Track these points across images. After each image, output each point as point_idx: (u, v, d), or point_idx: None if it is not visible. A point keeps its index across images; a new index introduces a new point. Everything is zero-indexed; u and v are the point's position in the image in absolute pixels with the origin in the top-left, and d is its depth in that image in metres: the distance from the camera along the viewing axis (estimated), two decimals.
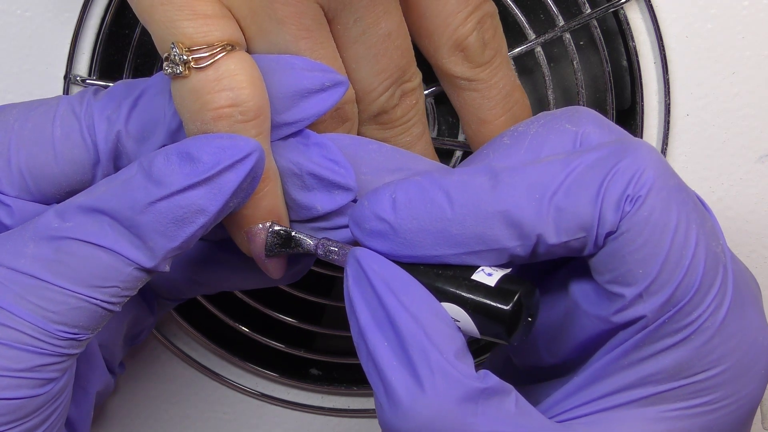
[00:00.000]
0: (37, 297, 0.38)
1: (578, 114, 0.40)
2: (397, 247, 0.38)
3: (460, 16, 0.45)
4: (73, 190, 0.43)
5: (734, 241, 0.53)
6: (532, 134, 0.40)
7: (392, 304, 0.37)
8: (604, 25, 0.52)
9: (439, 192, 0.37)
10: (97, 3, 0.50)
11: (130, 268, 0.38)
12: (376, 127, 0.45)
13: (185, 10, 0.39)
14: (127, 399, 0.56)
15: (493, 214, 0.37)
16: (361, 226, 0.39)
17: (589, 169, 0.37)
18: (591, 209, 0.36)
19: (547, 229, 0.37)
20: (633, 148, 0.37)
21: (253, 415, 0.57)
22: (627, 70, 0.53)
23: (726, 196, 0.53)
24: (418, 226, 0.38)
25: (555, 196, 0.37)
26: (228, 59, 0.39)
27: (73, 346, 0.39)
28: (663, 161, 0.38)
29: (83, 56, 0.51)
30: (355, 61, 0.43)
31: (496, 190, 0.37)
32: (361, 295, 0.38)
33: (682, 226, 0.37)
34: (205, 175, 0.37)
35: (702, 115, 0.52)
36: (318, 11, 0.41)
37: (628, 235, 0.36)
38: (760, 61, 0.51)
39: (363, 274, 0.38)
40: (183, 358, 0.55)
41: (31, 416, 0.39)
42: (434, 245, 0.38)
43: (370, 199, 0.38)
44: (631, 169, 0.37)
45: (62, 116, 0.43)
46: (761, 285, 0.54)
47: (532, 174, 0.37)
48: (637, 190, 0.36)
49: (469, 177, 0.38)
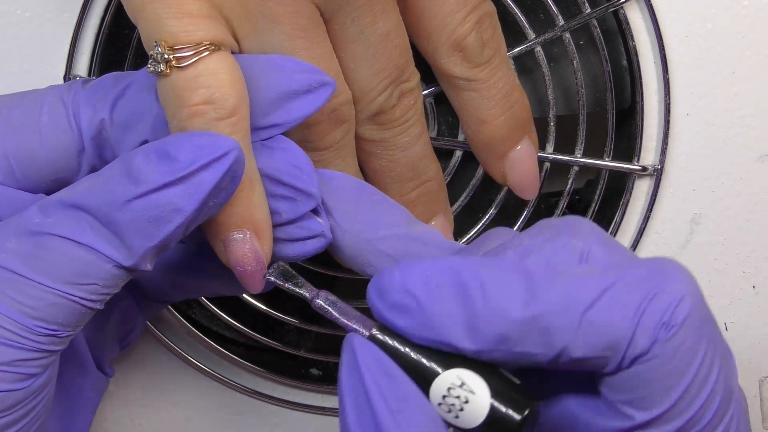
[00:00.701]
0: (15, 292, 0.37)
1: (581, 230, 0.39)
2: (418, 327, 0.37)
3: (458, 16, 0.45)
4: (58, 177, 0.43)
5: (734, 240, 0.53)
6: (537, 250, 0.39)
7: (381, 411, 0.36)
8: (604, 25, 0.52)
9: (474, 282, 0.36)
10: (97, 3, 0.50)
11: (109, 266, 0.38)
12: (374, 127, 0.45)
13: (173, 9, 0.39)
14: (127, 399, 0.56)
15: (524, 318, 0.36)
16: (384, 296, 0.37)
17: (627, 287, 0.36)
18: (624, 330, 0.36)
19: (575, 342, 0.36)
20: (672, 272, 0.37)
21: (254, 415, 0.57)
22: (627, 69, 0.52)
23: (726, 195, 0.53)
24: (446, 311, 0.36)
25: (589, 310, 0.36)
26: (208, 59, 0.39)
27: (53, 343, 0.38)
28: (698, 289, 0.37)
29: (83, 56, 0.51)
30: (353, 61, 0.43)
31: (531, 294, 0.36)
32: (351, 389, 0.37)
33: (708, 359, 0.36)
34: (181, 173, 0.36)
35: (702, 115, 0.52)
36: (314, 11, 0.41)
37: (657, 361, 0.36)
38: (760, 61, 0.51)
39: (357, 368, 0.37)
40: (183, 358, 0.55)
41: (10, 411, 0.38)
42: (458, 335, 0.36)
43: (402, 271, 0.37)
44: (671, 295, 0.36)
45: (50, 103, 0.43)
46: (761, 285, 0.54)
47: (568, 284, 0.36)
48: (674, 318, 0.36)
49: (504, 273, 0.37)
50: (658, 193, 0.53)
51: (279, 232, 0.42)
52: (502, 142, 0.48)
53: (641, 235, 0.53)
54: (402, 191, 0.47)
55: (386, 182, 0.47)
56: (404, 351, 0.38)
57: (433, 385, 0.37)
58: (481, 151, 0.49)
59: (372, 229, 0.42)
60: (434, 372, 0.37)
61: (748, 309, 0.54)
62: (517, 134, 0.48)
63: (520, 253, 0.39)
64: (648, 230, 0.53)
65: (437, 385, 0.37)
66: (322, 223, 0.41)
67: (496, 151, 0.48)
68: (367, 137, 0.45)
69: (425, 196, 0.48)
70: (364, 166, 0.47)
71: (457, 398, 0.37)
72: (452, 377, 0.37)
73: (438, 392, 0.37)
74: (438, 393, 0.37)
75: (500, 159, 0.48)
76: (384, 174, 0.46)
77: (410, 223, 0.43)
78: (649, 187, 0.53)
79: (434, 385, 0.37)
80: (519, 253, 0.39)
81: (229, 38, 0.41)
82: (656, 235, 0.53)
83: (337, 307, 0.40)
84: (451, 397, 0.37)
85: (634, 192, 0.53)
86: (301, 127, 0.42)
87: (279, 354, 0.57)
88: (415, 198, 0.47)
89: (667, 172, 0.52)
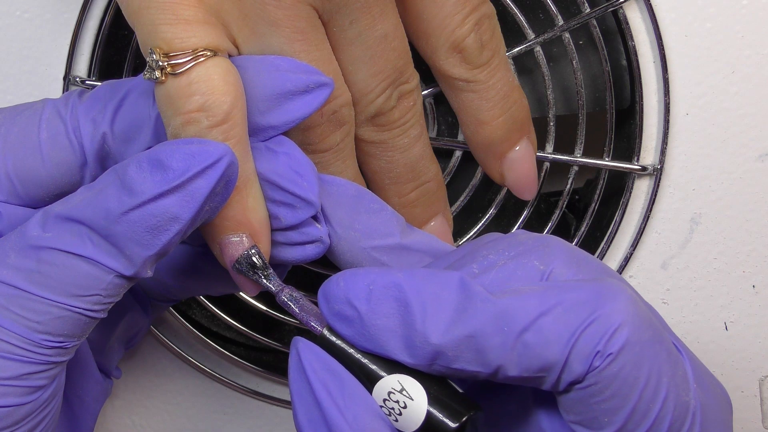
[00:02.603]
0: (19, 307, 0.37)
1: (549, 249, 0.40)
2: (360, 338, 0.38)
3: (457, 18, 0.45)
4: (62, 192, 0.43)
5: (734, 240, 0.53)
6: (499, 266, 0.39)
7: (329, 408, 0.37)
8: (604, 25, 0.52)
9: (416, 299, 0.37)
10: (96, 4, 0.50)
11: (111, 276, 0.38)
12: (373, 128, 0.45)
13: (168, 15, 0.39)
14: (127, 400, 0.56)
15: (459, 338, 0.37)
16: (330, 304, 0.38)
17: (565, 312, 0.37)
18: (558, 355, 0.36)
19: (510, 362, 0.37)
20: (611, 296, 0.37)
21: (253, 415, 0.57)
22: (626, 69, 0.52)
23: (726, 195, 0.53)
24: (386, 325, 0.37)
25: (525, 333, 0.36)
26: (202, 65, 0.39)
27: (59, 354, 0.39)
28: (640, 311, 0.37)
29: (82, 57, 0.51)
30: (352, 64, 0.43)
31: (466, 313, 0.37)
32: (298, 389, 0.38)
33: (652, 380, 0.37)
34: (175, 182, 0.36)
35: (701, 114, 0.52)
36: (312, 13, 0.41)
37: (595, 387, 0.37)
38: (759, 60, 0.51)
39: (302, 369, 0.38)
40: (183, 358, 0.55)
41: (20, 424, 0.39)
42: (396, 349, 0.37)
43: (347, 281, 0.38)
44: (607, 323, 0.36)
45: (48, 119, 0.43)
46: (761, 284, 0.54)
47: (507, 304, 0.37)
48: (610, 347, 0.36)
49: (445, 291, 0.37)
50: (657, 192, 0.53)
51: (278, 236, 0.42)
52: (501, 142, 0.48)
53: (641, 235, 0.53)
54: (401, 192, 0.47)
55: (385, 183, 0.47)
56: (349, 352, 0.39)
57: (375, 388, 0.38)
58: (480, 152, 0.49)
59: (367, 238, 0.42)
60: (376, 375, 0.38)
61: (748, 309, 0.54)
62: (515, 135, 0.48)
63: (482, 267, 0.40)
64: (648, 230, 0.53)
65: (379, 389, 0.38)
66: (321, 229, 0.42)
67: (495, 152, 0.48)
68: (366, 139, 0.45)
69: (425, 196, 0.48)
70: (364, 167, 0.47)
71: (397, 402, 0.38)
72: (393, 382, 0.38)
73: (379, 395, 0.38)
74: (379, 396, 0.38)
75: (499, 160, 0.48)
76: (383, 175, 0.46)
77: (406, 232, 0.43)
78: (648, 186, 0.53)
79: (376, 388, 0.38)
80: (481, 267, 0.39)
81: (226, 43, 0.41)
82: (656, 234, 0.53)
83: (298, 303, 0.40)
84: (391, 401, 0.38)
85: (633, 192, 0.53)
86: (300, 130, 0.42)
87: (279, 354, 0.57)
88: (415, 199, 0.47)
89: (666, 172, 0.52)
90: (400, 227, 0.43)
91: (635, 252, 0.53)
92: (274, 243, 0.42)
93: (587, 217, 0.53)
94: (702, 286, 0.54)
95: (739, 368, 0.55)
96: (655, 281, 0.54)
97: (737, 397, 0.55)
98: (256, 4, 0.40)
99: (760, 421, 0.55)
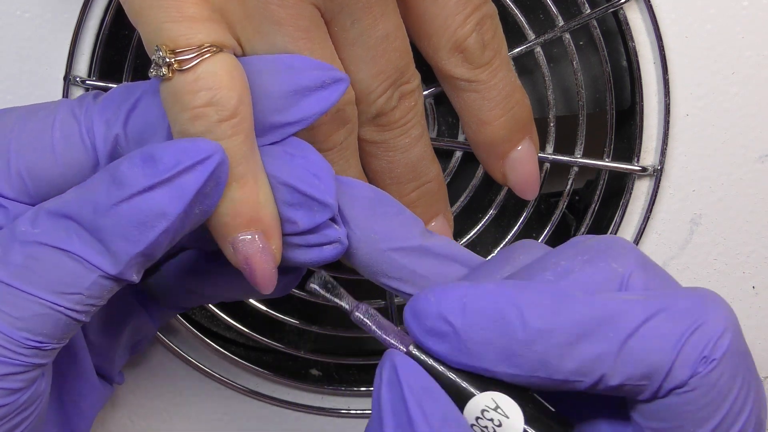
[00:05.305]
0: (2, 302, 0.37)
1: (623, 251, 0.39)
2: (456, 353, 0.37)
3: (459, 18, 0.45)
4: None
5: (734, 240, 0.53)
6: (576, 272, 0.39)
7: (421, 429, 0.36)
8: (604, 26, 0.52)
9: (513, 309, 0.36)
10: (97, 4, 0.50)
11: (95, 275, 0.37)
12: (374, 129, 0.45)
13: (172, 12, 0.39)
14: (127, 400, 0.56)
15: (563, 344, 0.36)
16: (422, 321, 0.37)
17: (670, 317, 0.36)
18: (664, 361, 0.36)
19: (614, 369, 0.36)
20: (715, 305, 0.37)
21: (254, 416, 0.57)
22: (627, 70, 0.52)
23: (726, 196, 0.53)
24: (485, 338, 0.37)
25: (630, 339, 0.36)
26: (209, 61, 0.39)
27: (37, 356, 0.38)
28: (738, 323, 0.37)
29: (83, 57, 0.51)
30: (353, 63, 0.43)
31: (568, 320, 0.36)
32: (390, 404, 0.37)
33: (742, 393, 0.37)
34: (164, 175, 0.36)
35: (702, 115, 0.52)
36: (315, 12, 0.41)
37: (693, 394, 0.36)
38: (760, 61, 0.51)
39: (398, 384, 0.37)
40: (183, 358, 0.55)
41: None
42: (496, 361, 0.37)
43: (438, 297, 0.37)
44: (713, 330, 0.36)
45: (62, 120, 0.42)
46: (761, 285, 0.54)
47: (609, 310, 0.36)
48: (714, 352, 0.36)
49: (543, 297, 0.37)
50: (657, 193, 0.53)
51: (295, 238, 0.41)
52: (503, 142, 0.48)
53: (641, 236, 0.53)
54: (402, 192, 0.47)
55: (386, 183, 0.47)
56: (440, 370, 0.38)
57: (468, 406, 0.38)
58: (482, 152, 0.49)
59: (387, 240, 0.42)
60: (469, 393, 0.38)
61: (748, 309, 0.54)
62: (517, 135, 0.48)
63: (557, 274, 0.39)
64: (648, 230, 0.53)
65: (471, 406, 0.38)
66: (339, 231, 0.41)
67: (497, 152, 0.48)
68: (368, 139, 0.45)
69: (425, 197, 0.48)
70: (365, 167, 0.47)
71: (491, 421, 0.37)
72: (487, 400, 0.37)
73: (472, 413, 0.38)
74: (472, 414, 0.38)
75: (501, 160, 0.48)
76: (384, 175, 0.46)
77: (426, 235, 0.43)
78: (648, 187, 0.53)
79: (468, 405, 0.38)
80: (556, 274, 0.39)
81: (230, 40, 0.41)
82: (656, 235, 0.53)
83: (375, 321, 0.40)
84: (484, 419, 0.37)
85: (634, 192, 0.53)
86: (305, 128, 0.42)
87: (279, 354, 0.57)
88: (416, 199, 0.47)
89: (666, 173, 0.52)
90: (420, 230, 0.43)
91: None
92: (290, 245, 0.41)
93: (587, 218, 0.53)
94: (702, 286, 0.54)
95: None
96: None
97: None
98: (259, 3, 0.40)
99: None
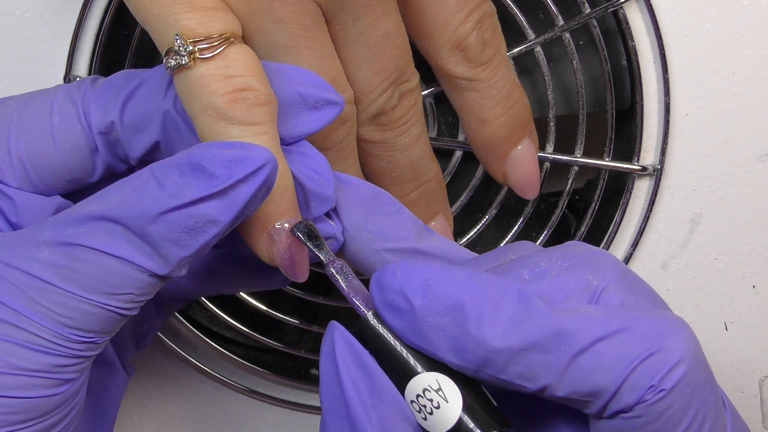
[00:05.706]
0: (50, 302, 0.37)
1: (604, 266, 0.39)
2: (409, 331, 0.37)
3: (459, 16, 0.45)
4: (74, 178, 0.43)
5: (734, 240, 0.53)
6: (552, 276, 0.39)
7: (354, 405, 0.37)
8: (604, 25, 0.52)
9: (473, 304, 0.36)
10: (97, 3, 0.50)
11: (144, 275, 0.38)
12: (374, 128, 0.45)
13: (184, 4, 0.39)
14: (127, 400, 0.56)
15: (512, 349, 0.36)
16: (383, 292, 0.38)
17: (625, 340, 0.36)
18: (610, 383, 0.36)
19: (559, 382, 0.36)
20: (673, 331, 0.37)
21: (253, 416, 0.57)
22: (626, 69, 0.52)
23: (726, 195, 0.53)
24: (439, 324, 0.37)
25: (580, 355, 0.36)
26: (232, 48, 0.39)
27: (90, 349, 0.38)
28: (698, 352, 0.37)
29: (83, 57, 0.51)
30: (354, 62, 0.43)
31: (524, 326, 0.36)
32: (326, 377, 0.38)
33: (695, 424, 0.36)
34: (217, 188, 0.36)
35: (702, 115, 0.52)
36: (316, 10, 0.41)
37: (639, 420, 0.36)
38: (760, 61, 0.51)
39: (333, 358, 0.38)
40: (183, 358, 0.55)
41: (48, 416, 0.38)
42: (445, 350, 0.37)
43: (404, 273, 0.37)
44: (666, 358, 0.36)
45: (60, 104, 0.42)
46: (761, 285, 0.54)
47: (566, 322, 0.36)
48: (664, 383, 0.36)
49: (504, 298, 0.37)
50: (657, 193, 0.53)
51: None
52: (503, 141, 0.48)
53: (641, 235, 0.53)
54: (402, 192, 0.47)
55: (386, 183, 0.47)
56: (392, 343, 0.38)
57: (411, 383, 0.38)
58: (482, 151, 0.49)
59: (380, 240, 0.42)
60: (414, 370, 0.38)
61: (748, 309, 0.54)
62: (517, 134, 0.48)
63: (533, 274, 0.39)
64: (648, 230, 0.53)
65: (414, 384, 0.38)
66: (334, 226, 0.41)
67: (497, 151, 0.48)
68: (368, 138, 0.45)
69: (425, 196, 0.48)
70: (365, 167, 0.47)
71: (430, 401, 0.37)
72: (430, 380, 0.38)
73: (413, 391, 0.38)
74: (413, 391, 0.38)
75: (501, 159, 0.48)
76: (384, 175, 0.47)
77: (423, 236, 0.43)
78: (648, 187, 0.53)
79: (411, 382, 0.38)
80: (532, 275, 0.39)
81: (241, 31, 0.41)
82: (656, 235, 0.53)
83: (347, 279, 0.39)
84: (424, 398, 0.38)
85: (633, 192, 0.53)
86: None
87: (279, 354, 0.57)
88: (416, 198, 0.47)
89: (666, 172, 0.52)
90: (417, 231, 0.43)
91: (635, 252, 0.53)
92: None
93: (587, 218, 0.53)
94: (702, 286, 0.54)
95: (739, 368, 0.55)
96: (655, 281, 0.54)
97: (737, 397, 0.55)
98: (262, 0, 0.40)
99: (760, 422, 0.56)
